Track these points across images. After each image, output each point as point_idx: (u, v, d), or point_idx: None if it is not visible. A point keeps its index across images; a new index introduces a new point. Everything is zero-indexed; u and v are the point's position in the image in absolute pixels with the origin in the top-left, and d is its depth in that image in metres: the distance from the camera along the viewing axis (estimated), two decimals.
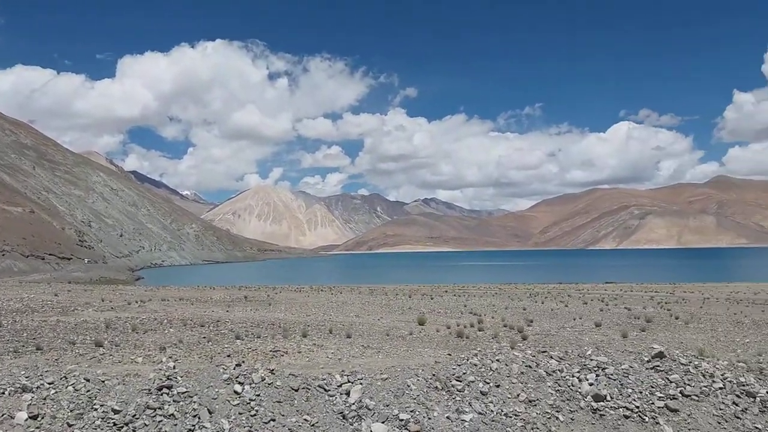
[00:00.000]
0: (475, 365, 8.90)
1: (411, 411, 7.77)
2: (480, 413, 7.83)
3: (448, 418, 7.69)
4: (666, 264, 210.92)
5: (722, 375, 8.89)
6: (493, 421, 7.71)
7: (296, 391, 8.11)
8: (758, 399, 8.44)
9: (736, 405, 8.31)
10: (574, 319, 32.04)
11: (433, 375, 8.60)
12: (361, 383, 8.32)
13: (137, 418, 7.40)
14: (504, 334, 24.83)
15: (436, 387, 8.32)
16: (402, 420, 7.59)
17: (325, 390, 8.23)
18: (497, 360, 9.04)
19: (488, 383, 8.47)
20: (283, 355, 16.51)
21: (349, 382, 8.38)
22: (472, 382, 8.49)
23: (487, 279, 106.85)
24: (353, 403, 7.91)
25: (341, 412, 7.80)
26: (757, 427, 7.94)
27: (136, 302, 40.82)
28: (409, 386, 8.27)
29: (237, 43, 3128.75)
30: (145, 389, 7.92)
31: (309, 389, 8.20)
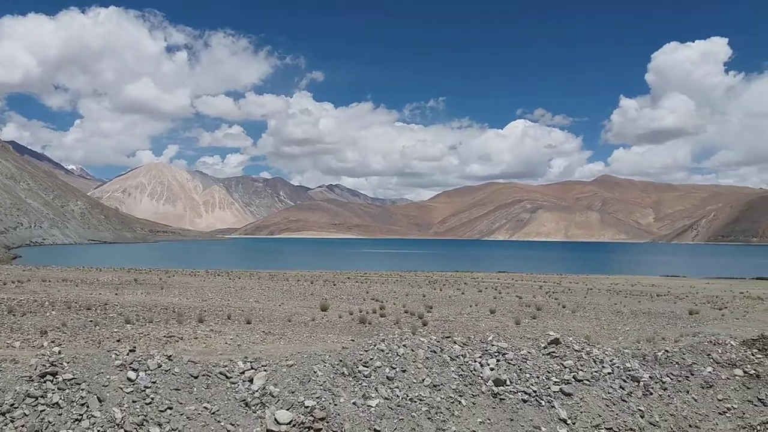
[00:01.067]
0: (382, 351, 8.88)
1: (317, 397, 7.61)
2: (386, 398, 7.81)
3: (354, 403, 7.60)
4: (554, 256, 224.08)
5: (611, 361, 9.46)
6: (398, 405, 7.72)
7: (196, 378, 7.70)
8: (642, 383, 9.04)
9: (623, 389, 8.85)
10: (471, 306, 33.21)
11: (340, 361, 8.48)
12: (265, 370, 8.04)
13: (15, 408, 6.69)
14: (406, 320, 25.24)
15: (343, 373, 8.21)
16: (308, 407, 7.41)
17: (227, 377, 7.87)
18: (404, 345, 9.07)
19: (395, 368, 8.48)
20: (177, 341, 15.76)
21: (252, 368, 8.08)
22: (379, 367, 8.46)
23: (388, 266, 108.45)
24: (257, 390, 7.63)
25: (244, 400, 7.49)
26: (640, 409, 8.50)
27: (13, 282, 37.55)
28: (315, 372, 8.09)
29: (133, 11, 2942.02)
30: (25, 376, 7.18)
31: (210, 376, 7.80)
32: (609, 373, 9.18)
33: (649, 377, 9.28)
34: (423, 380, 8.35)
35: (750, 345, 11.25)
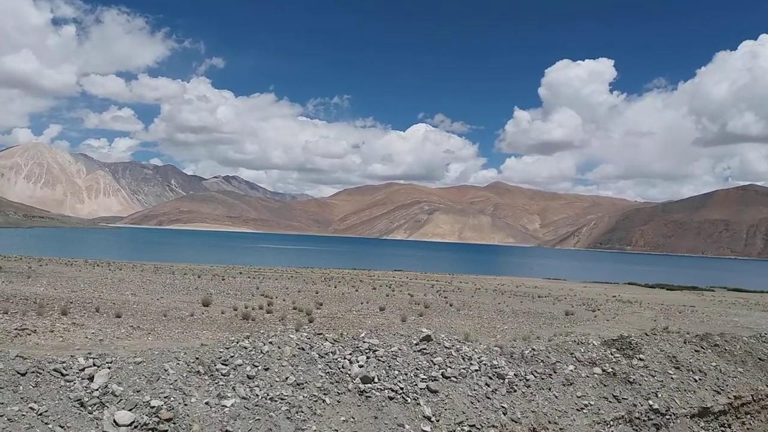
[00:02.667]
0: (245, 348, 8.37)
1: (165, 397, 6.97)
2: (243, 398, 7.31)
3: (207, 403, 7.05)
4: (447, 256, 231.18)
5: (479, 358, 9.51)
6: (256, 405, 7.25)
7: (23, 375, 6.80)
8: (506, 380, 9.14)
9: (488, 386, 8.90)
10: (362, 303, 33.14)
11: (197, 358, 7.87)
12: (109, 367, 7.27)
13: None
14: (292, 317, 24.62)
15: (198, 371, 7.61)
16: (153, 407, 6.76)
17: (62, 374, 7.03)
18: (270, 342, 8.61)
19: (257, 366, 8.00)
20: (30, 334, 14.24)
21: (94, 365, 7.28)
22: (240, 365, 7.95)
23: (284, 262, 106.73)
24: (96, 389, 6.87)
25: (79, 399, 6.70)
26: (503, 406, 8.56)
27: None
28: (166, 370, 7.44)
29: None
30: None
31: (41, 373, 6.93)
32: (476, 371, 9.23)
33: (515, 375, 9.43)
34: (286, 378, 7.94)
35: (610, 345, 11.79)
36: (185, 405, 6.85)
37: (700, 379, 10.29)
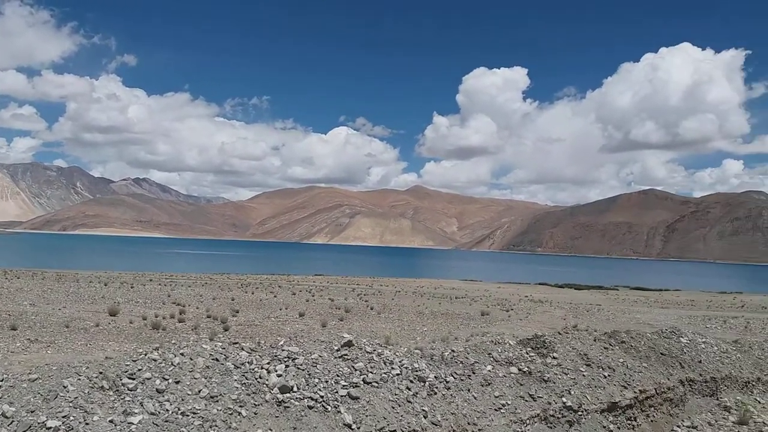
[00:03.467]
0: (155, 360, 7.86)
1: (64, 416, 6.41)
2: (152, 413, 6.86)
3: (111, 421, 6.54)
4: (368, 260, 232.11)
5: (400, 362, 9.45)
6: (166, 421, 6.81)
7: None
8: (427, 383, 9.13)
9: (409, 390, 8.85)
10: (281, 309, 32.54)
11: (100, 373, 7.31)
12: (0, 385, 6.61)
13: None
14: (206, 325, 23.75)
15: (102, 387, 7.06)
16: (50, 428, 6.20)
17: None
18: (181, 354, 8.14)
19: (167, 380, 7.53)
20: None
21: None
22: (148, 379, 7.45)
23: (199, 268, 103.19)
24: None
25: None
26: (424, 410, 8.53)
27: None
28: (65, 387, 6.85)
29: None
30: None
31: None
32: (398, 374, 9.16)
33: (435, 377, 9.44)
34: (199, 391, 7.52)
35: (525, 344, 12.06)
36: (86, 424, 6.33)
37: (609, 375, 10.74)
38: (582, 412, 10.34)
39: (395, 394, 8.68)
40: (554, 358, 11.58)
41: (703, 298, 75.92)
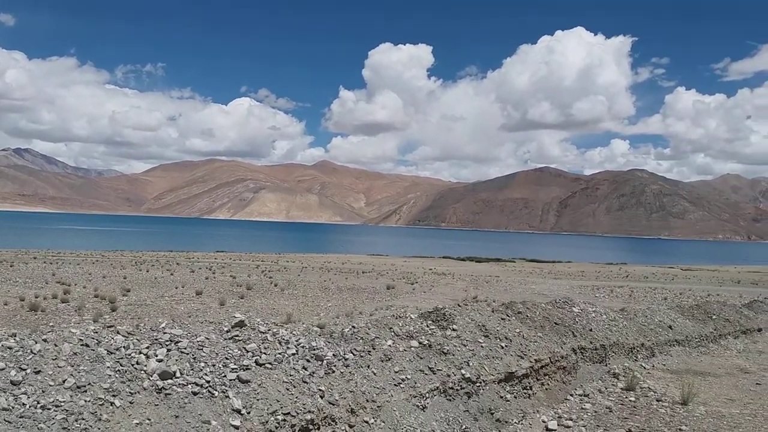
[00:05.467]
0: (10, 348, 6.87)
1: None
2: (5, 409, 5.95)
3: None
4: (274, 236, 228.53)
5: (297, 341, 8.95)
6: (22, 417, 5.94)
7: None
8: (325, 362, 8.72)
9: (306, 369, 8.39)
10: (176, 288, 30.98)
11: None
12: None
13: None
14: (92, 306, 22.03)
15: None
16: None
17: None
18: (44, 340, 7.18)
19: (24, 370, 6.59)
20: None
21: None
22: (1, 369, 6.47)
23: (89, 245, 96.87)
24: None
25: None
26: (321, 389, 8.12)
27: None
28: None
29: None
30: None
31: None
32: (293, 354, 8.66)
33: (333, 355, 9.04)
34: (64, 381, 6.65)
35: (426, 317, 11.94)
36: None
37: (506, 345, 10.84)
38: (480, 383, 10.36)
39: (290, 375, 8.18)
40: (454, 330, 11.54)
41: (592, 269, 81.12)
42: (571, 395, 10.88)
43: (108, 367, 7.11)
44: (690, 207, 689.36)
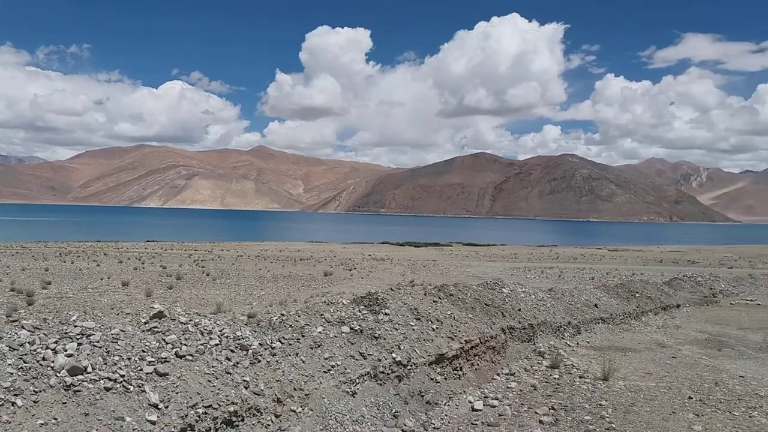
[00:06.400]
0: None
1: None
2: None
3: None
4: (208, 224, 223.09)
5: (221, 331, 8.64)
6: None
7: None
8: (251, 351, 8.46)
9: (229, 360, 8.11)
10: (102, 279, 29.63)
11: None
12: None
13: None
14: (6, 300, 20.70)
15: None
16: None
17: None
18: None
19: None
20: None
21: None
22: None
23: (8, 236, 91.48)
24: None
25: None
26: (245, 380, 7.88)
27: None
28: None
29: None
30: None
31: None
32: (216, 345, 8.35)
33: (260, 344, 8.79)
34: None
35: (358, 302, 11.86)
36: None
37: (437, 328, 10.90)
38: (411, 366, 10.37)
39: (212, 367, 7.88)
40: (386, 314, 11.49)
41: (525, 251, 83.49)
42: (499, 374, 11.06)
43: (9, 364, 6.61)
44: (617, 190, 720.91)
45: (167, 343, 8.01)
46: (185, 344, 8.12)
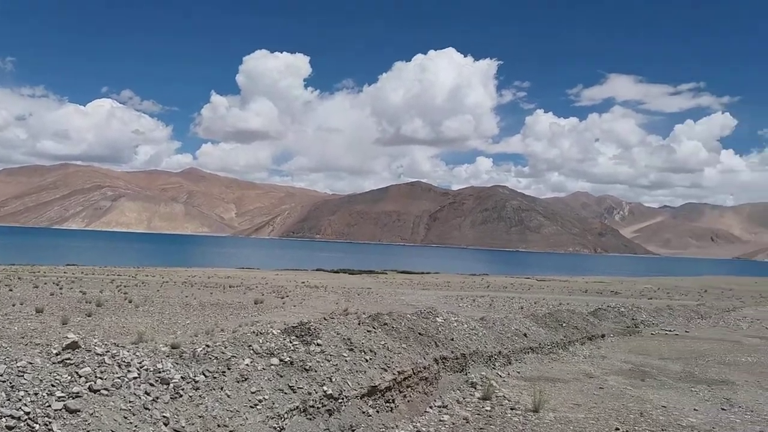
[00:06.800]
0: None
1: None
2: None
3: None
4: (134, 247, 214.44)
5: (140, 363, 8.11)
6: None
7: None
8: (172, 385, 7.96)
9: (148, 395, 7.60)
10: (14, 305, 27.65)
11: None
12: None
13: None
14: None
15: None
16: None
17: None
18: None
19: None
20: None
21: None
22: None
23: None
24: None
25: None
26: (165, 416, 7.40)
27: None
28: None
29: None
30: None
31: None
32: (135, 378, 7.82)
33: (182, 377, 8.30)
34: None
35: (290, 332, 11.50)
36: None
37: (370, 358, 10.68)
38: (342, 399, 10.08)
39: (130, 402, 7.35)
40: (318, 345, 11.18)
41: (457, 279, 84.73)
42: (431, 407, 10.94)
43: None
44: (545, 222, 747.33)
45: (80, 377, 7.43)
46: (100, 377, 7.55)
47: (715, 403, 11.46)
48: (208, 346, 9.87)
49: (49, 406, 6.71)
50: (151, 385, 7.88)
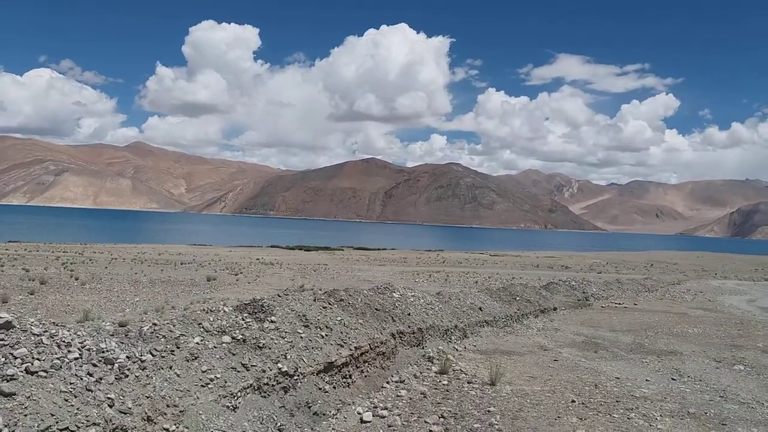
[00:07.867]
0: None
1: None
2: None
3: None
4: (80, 224, 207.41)
5: (81, 343, 7.64)
6: None
7: None
8: (116, 365, 7.55)
9: (91, 375, 7.18)
10: None
11: None
12: None
13: None
14: None
15: None
16: None
17: None
18: None
19: None
20: None
21: None
22: None
23: None
24: None
25: None
26: (110, 398, 7.02)
27: None
28: None
29: None
30: None
31: None
32: (77, 359, 7.37)
33: (127, 357, 7.89)
34: None
35: (242, 310, 11.17)
36: None
37: (326, 335, 10.47)
38: (298, 375, 9.86)
39: (71, 383, 6.92)
40: (272, 321, 10.89)
41: (413, 255, 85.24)
42: (389, 382, 10.83)
43: None
44: (497, 198, 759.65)
45: (15, 358, 6.94)
46: (38, 359, 7.08)
47: (666, 373, 11.77)
48: (155, 324, 9.44)
49: None
50: (94, 365, 7.45)
